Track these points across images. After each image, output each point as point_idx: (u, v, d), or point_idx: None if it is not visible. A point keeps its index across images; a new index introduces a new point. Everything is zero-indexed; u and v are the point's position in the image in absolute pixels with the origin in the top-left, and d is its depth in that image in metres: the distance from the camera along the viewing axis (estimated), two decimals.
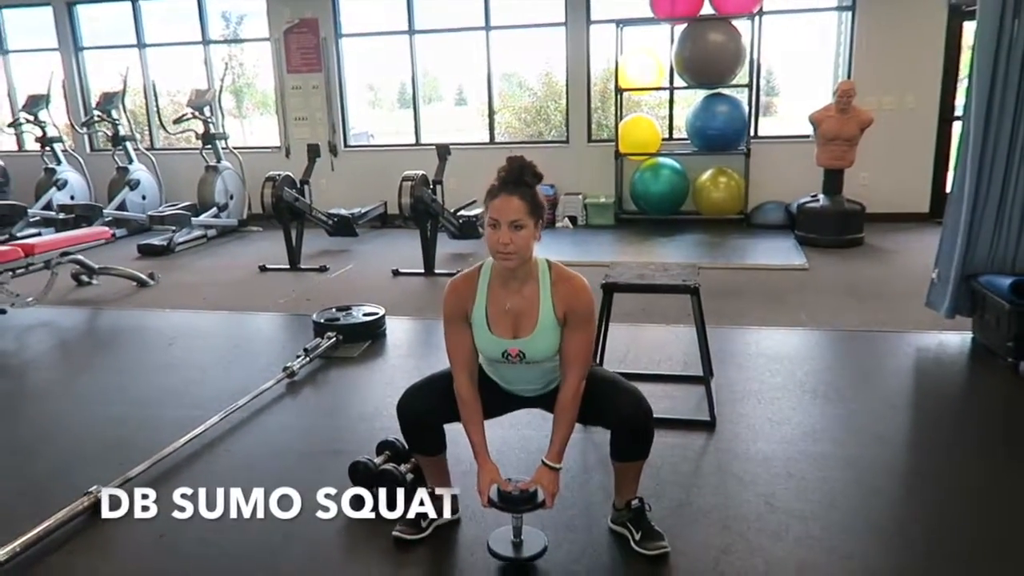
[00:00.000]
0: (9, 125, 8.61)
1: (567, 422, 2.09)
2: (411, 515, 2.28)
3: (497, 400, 2.24)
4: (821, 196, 6.55)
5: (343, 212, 7.18)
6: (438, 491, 2.32)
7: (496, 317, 2.08)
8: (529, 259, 2.03)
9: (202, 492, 2.62)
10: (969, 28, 6.77)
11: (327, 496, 2.52)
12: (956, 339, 3.94)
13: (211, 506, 2.53)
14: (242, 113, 10.55)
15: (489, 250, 2.01)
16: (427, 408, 2.19)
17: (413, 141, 8.44)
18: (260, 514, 2.45)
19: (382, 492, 2.42)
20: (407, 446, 2.33)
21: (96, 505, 2.45)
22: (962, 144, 3.78)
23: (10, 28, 9.24)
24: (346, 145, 8.50)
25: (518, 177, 1.96)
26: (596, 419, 2.21)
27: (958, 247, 3.77)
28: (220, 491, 2.62)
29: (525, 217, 1.95)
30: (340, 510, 2.43)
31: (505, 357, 2.09)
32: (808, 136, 6.95)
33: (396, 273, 5.86)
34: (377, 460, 2.59)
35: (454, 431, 2.24)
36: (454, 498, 2.38)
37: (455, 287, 2.13)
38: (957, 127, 6.67)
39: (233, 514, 2.47)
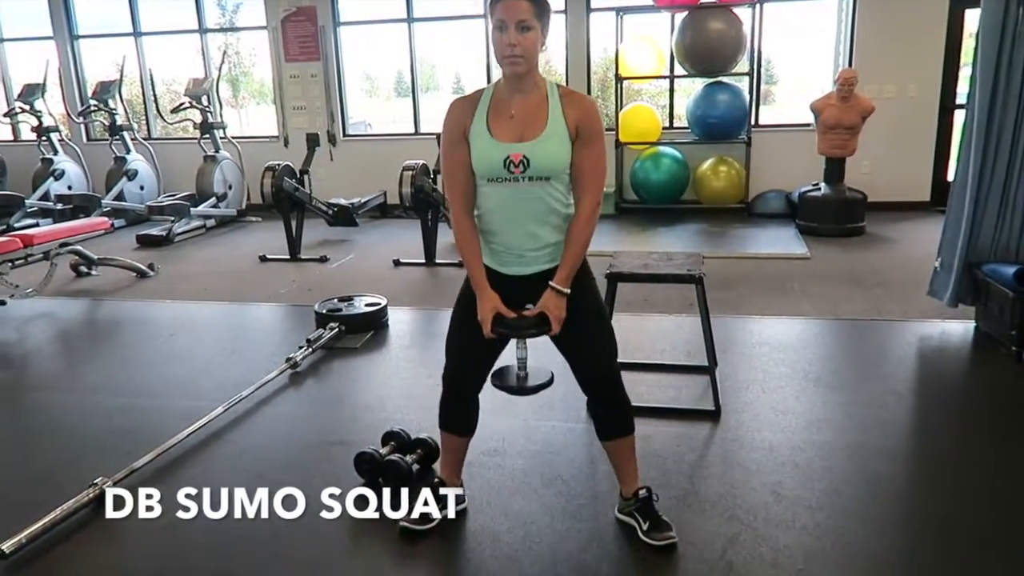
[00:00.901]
0: (4, 115, 8.54)
1: (579, 246, 2.02)
2: (415, 515, 2.27)
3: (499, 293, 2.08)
4: (822, 185, 6.53)
5: (343, 202, 7.15)
6: (443, 491, 2.31)
7: (499, 124, 1.97)
8: (535, 68, 1.96)
9: (207, 483, 2.63)
10: (971, 16, 6.75)
11: (333, 487, 2.53)
12: (959, 328, 3.94)
13: (216, 496, 2.54)
14: (239, 102, 10.50)
15: (496, 57, 1.94)
16: (470, 364, 2.17)
17: (412, 130, 8.41)
18: (265, 504, 2.46)
19: (387, 489, 2.42)
20: (440, 422, 2.30)
21: (101, 496, 2.45)
22: (965, 132, 3.77)
23: (5, 16, 9.17)
24: (345, 135, 8.47)
25: None
26: (565, 348, 2.14)
27: (961, 235, 3.77)
28: (225, 481, 2.63)
29: (532, 19, 1.87)
30: (346, 501, 2.44)
31: (507, 167, 1.95)
32: (809, 125, 6.93)
33: (397, 263, 5.85)
34: (382, 451, 2.59)
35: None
36: (461, 488, 2.38)
37: (455, 104, 2.05)
38: (959, 115, 6.69)
39: (238, 504, 2.47)
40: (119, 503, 2.42)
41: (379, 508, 2.37)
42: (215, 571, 2.18)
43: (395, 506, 2.35)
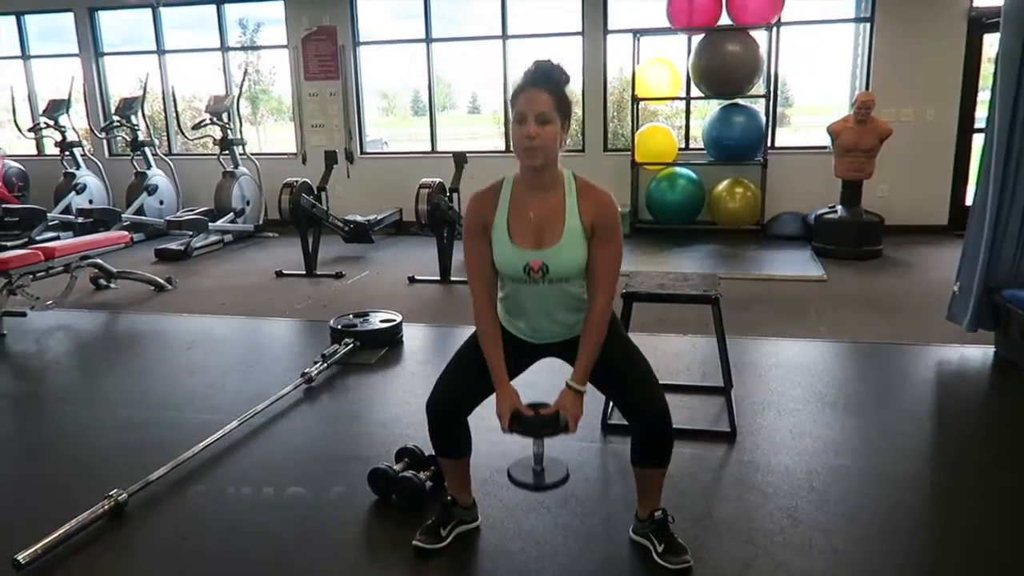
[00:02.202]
0: (29, 130, 8.69)
1: (594, 343, 2.02)
2: (428, 532, 2.26)
3: (516, 356, 2.14)
4: (839, 207, 6.51)
5: (359, 219, 7.20)
6: (458, 499, 2.32)
7: (518, 228, 1.99)
8: (554, 162, 1.96)
9: (221, 496, 2.64)
10: (989, 40, 6.76)
11: (347, 503, 2.54)
12: (978, 353, 3.90)
13: (230, 510, 2.55)
14: (258, 119, 10.63)
15: (514, 149, 1.94)
16: (456, 392, 2.15)
17: (428, 148, 8.47)
18: (280, 520, 2.47)
19: (400, 506, 2.42)
20: (433, 447, 2.29)
21: (117, 508, 2.47)
22: (985, 156, 3.75)
23: (32, 34, 9.35)
24: (362, 152, 8.54)
25: (547, 74, 1.91)
26: (613, 393, 2.18)
27: (980, 259, 3.74)
28: (240, 496, 2.64)
29: (552, 112, 1.87)
30: (359, 517, 2.44)
31: (527, 272, 1.99)
32: (826, 147, 6.92)
33: (412, 280, 5.87)
34: (396, 467, 2.59)
35: (475, 436, 2.24)
36: (474, 505, 2.37)
37: (476, 198, 2.05)
38: (977, 139, 6.68)
39: (253, 519, 2.48)
40: (134, 515, 2.43)
41: (392, 525, 2.37)
42: None
43: (408, 523, 2.34)
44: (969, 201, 4.88)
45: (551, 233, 1.97)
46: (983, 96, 6.89)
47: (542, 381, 2.30)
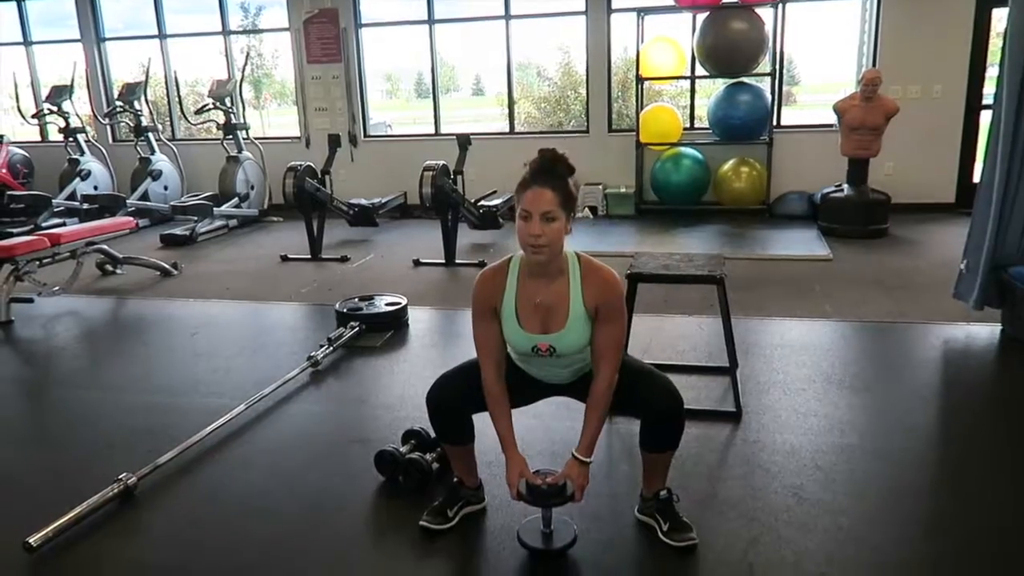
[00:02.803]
0: (33, 116, 8.69)
1: (598, 416, 2.07)
2: (435, 513, 2.29)
3: (526, 388, 2.24)
4: (845, 186, 6.47)
5: (363, 202, 7.20)
6: (464, 481, 2.33)
7: (526, 312, 2.06)
8: (560, 253, 2.01)
9: (229, 479, 2.66)
10: (998, 15, 6.67)
11: (353, 485, 2.55)
12: (985, 331, 3.89)
13: (238, 492, 2.57)
14: (261, 103, 10.60)
15: (520, 243, 1.98)
16: (456, 397, 2.19)
17: (432, 131, 8.44)
18: (288, 502, 2.49)
19: (407, 487, 2.44)
20: (435, 435, 2.33)
21: (127, 491, 2.49)
22: (992, 133, 3.72)
23: (33, 19, 9.31)
24: (366, 135, 8.52)
25: (551, 169, 1.94)
26: (629, 409, 2.21)
27: (987, 237, 3.72)
28: (248, 479, 2.67)
29: (557, 209, 1.91)
30: (367, 499, 2.46)
31: (535, 351, 2.08)
32: (832, 125, 6.87)
33: (417, 263, 5.87)
34: (403, 449, 2.60)
35: (481, 421, 2.24)
36: (480, 487, 2.38)
37: (484, 280, 2.11)
38: (985, 116, 6.61)
39: (261, 502, 2.51)
40: (143, 499, 2.45)
41: (399, 507, 2.39)
42: (237, 566, 2.20)
43: (415, 505, 2.35)
44: (976, 179, 4.84)
45: (557, 318, 2.04)
46: (991, 72, 6.82)
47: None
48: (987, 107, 6.63)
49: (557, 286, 2.04)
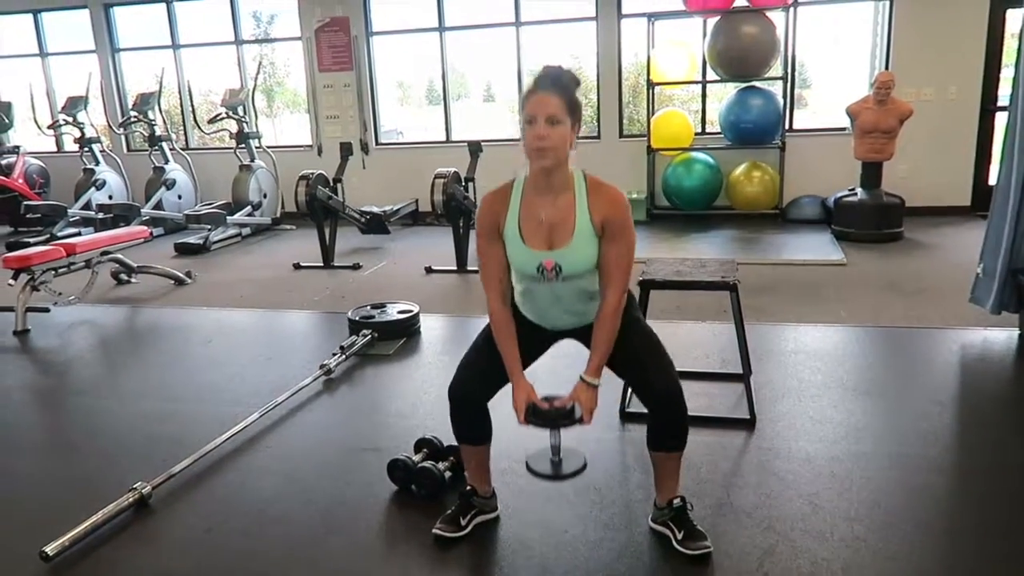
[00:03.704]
0: (49, 127, 8.79)
1: (606, 338, 2.04)
2: (448, 521, 2.28)
3: (533, 340, 2.18)
4: (859, 190, 6.43)
5: (375, 210, 7.22)
6: (477, 489, 2.33)
7: (530, 229, 2.02)
8: (565, 163, 1.97)
9: (244, 487, 2.67)
10: (1013, 16, 6.62)
11: (366, 493, 2.55)
12: (1002, 336, 3.85)
13: (252, 501, 2.58)
14: (273, 112, 10.66)
15: (525, 150, 1.95)
16: (477, 381, 2.17)
17: (443, 138, 8.46)
18: (301, 510, 2.49)
19: (420, 496, 2.44)
20: (454, 434, 2.30)
21: (142, 500, 2.50)
22: (1008, 134, 3.69)
23: (49, 31, 9.42)
24: (377, 143, 8.55)
25: (556, 78, 1.93)
26: (627, 375, 2.19)
27: (1004, 241, 3.68)
28: (262, 487, 2.67)
29: (562, 113, 1.89)
30: (380, 508, 2.46)
31: (540, 272, 2.02)
32: (844, 129, 6.83)
33: (429, 270, 5.88)
34: (415, 458, 2.60)
35: (497, 426, 2.24)
36: (493, 495, 2.38)
37: (488, 200, 2.09)
38: (1000, 118, 6.56)
39: (275, 510, 2.51)
40: (158, 507, 2.46)
41: (412, 515, 2.39)
42: (252, 574, 2.20)
43: (428, 513, 2.35)
44: (992, 181, 4.79)
45: (562, 234, 2.00)
46: (1007, 73, 6.76)
47: (560, 369, 2.29)
48: (1002, 108, 6.57)
49: (562, 201, 2.00)
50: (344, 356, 3.77)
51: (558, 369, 2.38)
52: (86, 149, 8.40)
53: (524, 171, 2.04)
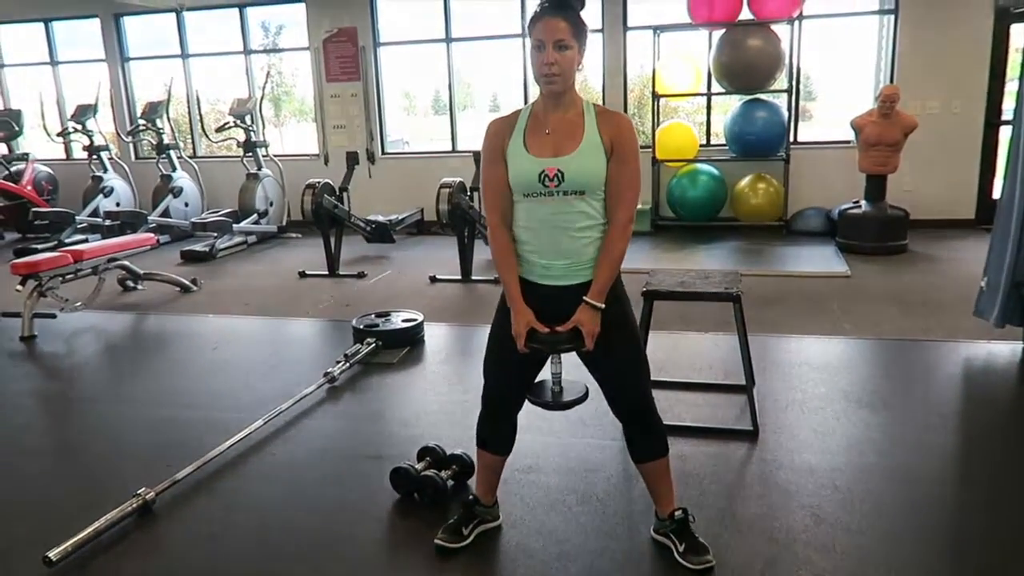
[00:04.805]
0: (58, 134, 8.86)
1: (612, 259, 2.03)
2: (450, 530, 2.29)
3: (535, 311, 2.07)
4: (863, 202, 6.44)
5: (380, 219, 7.24)
6: (480, 498, 2.34)
7: (535, 142, 2.01)
8: (572, 86, 1.99)
9: (247, 494, 2.68)
10: (1017, 30, 6.63)
11: (369, 501, 2.56)
12: (1006, 349, 3.84)
13: (255, 508, 2.59)
14: (281, 121, 10.72)
15: (534, 74, 1.98)
16: (505, 374, 2.17)
17: (449, 148, 8.49)
18: (304, 518, 2.50)
19: (423, 499, 2.44)
20: (477, 439, 2.31)
21: (145, 506, 2.51)
22: (1012, 148, 3.69)
23: (60, 40, 9.51)
24: (383, 152, 8.59)
25: (563, 0, 1.94)
26: (598, 378, 2.17)
27: (1008, 254, 3.68)
28: (265, 494, 2.68)
29: (570, 38, 1.91)
30: (382, 516, 2.46)
31: (542, 180, 1.97)
32: (849, 142, 6.84)
33: (434, 280, 5.90)
34: (418, 466, 2.60)
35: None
36: (495, 505, 2.38)
37: (494, 123, 2.10)
38: (1005, 131, 6.56)
39: (278, 517, 2.52)
40: (161, 514, 2.47)
41: (414, 524, 2.39)
42: None
43: (430, 522, 2.36)
44: (996, 195, 4.80)
45: (569, 142, 1.99)
46: (1011, 87, 6.77)
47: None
48: (1007, 122, 6.58)
49: (571, 116, 2.01)
50: (348, 364, 3.79)
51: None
52: (95, 157, 8.46)
53: (529, 103, 2.06)
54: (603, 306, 2.02)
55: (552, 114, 2.01)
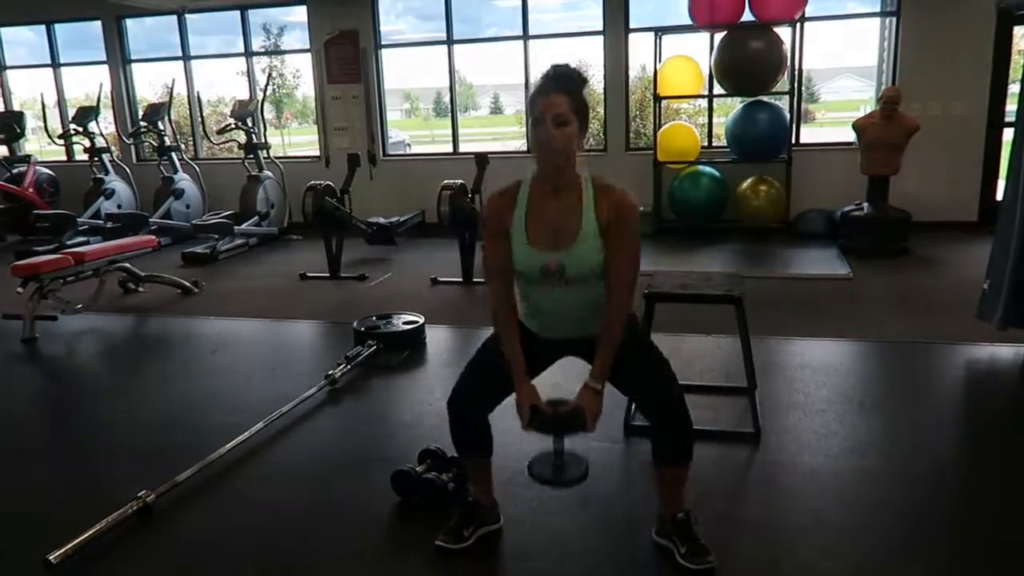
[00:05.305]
0: (60, 136, 8.86)
1: (611, 342, 2.03)
2: (451, 532, 2.28)
3: (534, 356, 2.15)
4: (865, 204, 6.43)
5: (382, 221, 7.24)
6: (480, 501, 2.33)
7: (536, 228, 2.02)
8: (572, 164, 1.98)
9: (247, 497, 2.67)
10: (1019, 32, 6.63)
11: (369, 504, 2.55)
12: (1009, 352, 3.83)
13: (257, 512, 2.58)
14: (282, 123, 10.74)
15: (534, 151, 1.98)
16: (476, 392, 2.18)
17: (451, 150, 8.49)
18: (304, 520, 2.49)
19: (424, 501, 2.44)
20: (455, 447, 2.32)
21: (145, 509, 2.50)
22: (1014, 150, 3.69)
23: (61, 42, 9.52)
24: (385, 154, 8.59)
25: (564, 77, 1.94)
26: (630, 390, 2.20)
27: (1011, 256, 3.67)
28: (266, 496, 2.68)
29: (570, 113, 1.91)
30: (383, 518, 2.46)
31: (543, 273, 2.01)
32: (851, 143, 6.83)
33: (435, 282, 5.89)
34: (419, 469, 2.60)
35: (498, 439, 2.24)
36: (495, 506, 2.38)
37: (494, 200, 2.09)
38: (1007, 133, 6.54)
39: (278, 520, 2.51)
40: (162, 516, 2.46)
41: (415, 526, 2.39)
42: None
43: (431, 524, 2.35)
44: (999, 197, 4.79)
45: (567, 233, 1.99)
46: (1013, 89, 6.76)
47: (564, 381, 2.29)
48: (1009, 125, 6.56)
49: (569, 201, 2.00)
50: (349, 366, 3.78)
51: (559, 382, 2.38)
52: (96, 159, 8.45)
53: (531, 171, 2.05)
54: (603, 388, 2.05)
55: (551, 195, 2.01)
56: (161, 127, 8.26)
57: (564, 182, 2.00)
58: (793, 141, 7.24)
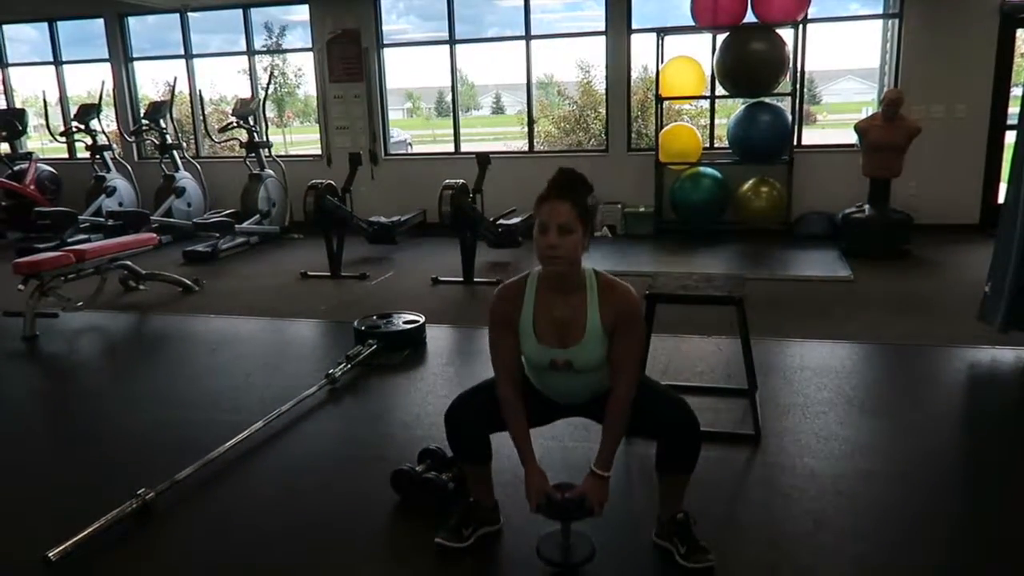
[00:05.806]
0: (61, 134, 8.87)
1: (616, 430, 2.08)
2: (451, 533, 2.28)
3: (542, 408, 2.23)
4: (867, 206, 6.42)
5: (383, 220, 7.24)
6: (480, 501, 2.32)
7: (543, 326, 2.07)
8: (577, 266, 2.03)
9: (247, 496, 2.67)
10: (1022, 35, 6.62)
11: (370, 503, 2.55)
12: (1010, 355, 3.82)
13: (257, 511, 2.58)
14: (284, 122, 10.74)
15: (537, 255, 2.01)
16: (474, 418, 2.19)
17: (452, 149, 8.49)
18: (304, 520, 2.49)
19: (424, 501, 2.43)
20: (453, 454, 2.33)
21: (145, 507, 2.50)
22: (1016, 153, 3.68)
23: (64, 40, 9.52)
24: (386, 154, 8.59)
25: (569, 184, 1.98)
26: (645, 430, 2.21)
27: (1012, 259, 3.66)
28: (266, 495, 2.67)
29: (574, 221, 1.95)
30: (383, 518, 2.45)
31: (552, 366, 2.09)
32: (853, 145, 6.83)
33: (436, 281, 5.89)
34: (419, 468, 2.59)
35: (497, 440, 2.24)
36: (496, 507, 2.37)
37: (501, 296, 2.14)
38: (1009, 136, 6.53)
39: (278, 519, 2.51)
40: (161, 515, 2.46)
41: (415, 526, 2.39)
42: None
43: (431, 524, 2.35)
44: (1001, 199, 4.79)
45: (574, 332, 2.05)
46: (1016, 92, 6.75)
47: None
48: (1011, 127, 6.56)
49: (575, 300, 2.06)
50: (349, 366, 3.78)
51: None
52: (98, 156, 8.46)
53: (538, 268, 2.09)
54: (609, 475, 2.09)
55: (557, 294, 2.06)
56: (163, 125, 8.27)
57: (569, 282, 2.06)
58: (795, 143, 7.24)
